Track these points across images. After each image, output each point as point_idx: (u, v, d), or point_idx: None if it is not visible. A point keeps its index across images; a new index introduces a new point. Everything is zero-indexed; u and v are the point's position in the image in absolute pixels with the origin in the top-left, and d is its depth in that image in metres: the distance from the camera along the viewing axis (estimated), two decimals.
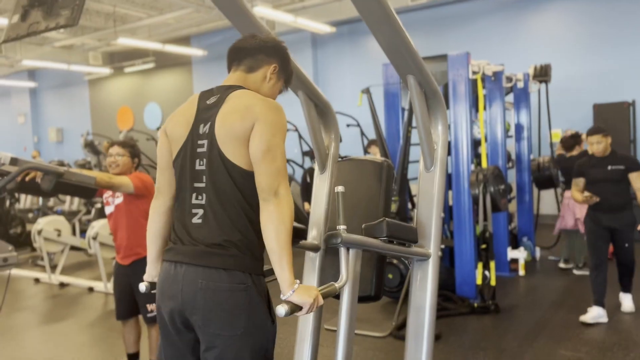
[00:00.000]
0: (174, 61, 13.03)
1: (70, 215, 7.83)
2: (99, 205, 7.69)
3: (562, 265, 5.90)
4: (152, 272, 1.84)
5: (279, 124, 1.64)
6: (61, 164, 10.09)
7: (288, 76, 1.89)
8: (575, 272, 5.68)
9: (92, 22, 11.20)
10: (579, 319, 4.20)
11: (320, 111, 2.35)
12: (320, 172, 2.36)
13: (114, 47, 13.24)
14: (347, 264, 1.66)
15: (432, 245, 2.04)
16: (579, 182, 4.28)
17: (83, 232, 7.23)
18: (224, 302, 1.61)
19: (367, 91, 5.26)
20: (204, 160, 1.68)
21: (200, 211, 1.68)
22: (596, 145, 4.16)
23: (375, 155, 5.72)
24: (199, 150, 1.69)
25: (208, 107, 1.72)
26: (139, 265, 3.14)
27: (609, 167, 4.13)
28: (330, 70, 11.00)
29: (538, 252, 6.41)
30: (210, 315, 1.62)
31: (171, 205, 1.82)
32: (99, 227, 5.68)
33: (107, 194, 3.29)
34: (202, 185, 1.68)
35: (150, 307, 3.14)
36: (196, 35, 12.19)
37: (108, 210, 3.28)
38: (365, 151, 7.91)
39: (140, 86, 14.07)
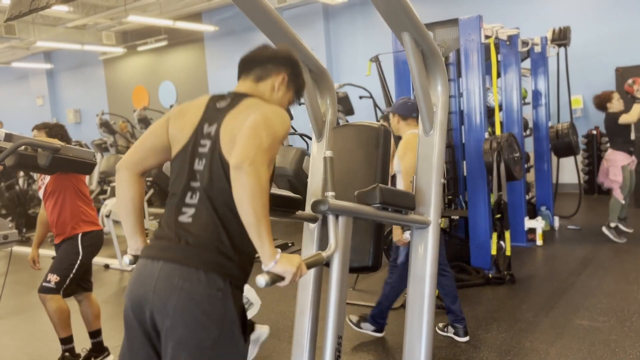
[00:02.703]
0: (186, 38, 12.94)
1: None
2: (113, 184, 7.74)
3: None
4: (133, 245, 1.78)
5: (275, 117, 1.58)
6: (78, 144, 10.19)
7: (299, 87, 1.82)
8: (604, 229, 5.53)
9: (103, 0, 11.14)
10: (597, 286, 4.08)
11: (316, 76, 2.25)
12: (317, 140, 2.28)
13: (127, 25, 13.18)
14: (337, 232, 1.58)
15: (431, 212, 1.95)
16: None
17: (98, 211, 7.29)
18: (197, 307, 1.51)
19: (376, 59, 5.11)
20: (204, 160, 1.62)
21: (192, 210, 1.61)
22: None
23: None
24: (200, 150, 1.64)
25: (217, 109, 1.67)
26: (64, 243, 3.23)
27: None
28: (343, 42, 10.78)
29: (557, 222, 6.25)
30: (180, 318, 1.51)
31: (137, 178, 1.74)
32: (112, 204, 5.70)
33: (40, 180, 3.30)
34: (198, 184, 1.62)
35: (50, 277, 3.12)
36: (207, 11, 12.05)
37: (41, 193, 3.29)
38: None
39: (154, 64, 14.04)
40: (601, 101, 5.56)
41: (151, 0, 10.57)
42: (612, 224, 5.48)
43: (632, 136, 5.46)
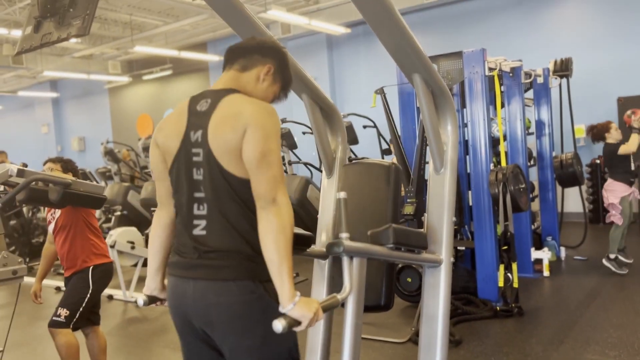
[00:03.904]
0: (191, 67, 13.11)
1: None
2: (117, 213, 7.74)
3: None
4: (150, 285, 1.79)
5: (271, 127, 1.56)
6: (83, 172, 10.23)
7: (285, 81, 1.79)
8: (604, 261, 5.48)
9: (110, 31, 11.34)
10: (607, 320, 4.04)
11: (326, 114, 2.28)
12: (328, 177, 2.29)
13: (132, 55, 13.38)
14: (351, 273, 1.58)
15: (443, 251, 1.95)
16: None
17: None
18: (238, 315, 1.57)
19: (381, 91, 5.16)
20: (201, 169, 1.62)
21: (203, 222, 1.62)
22: None
23: None
24: (194, 159, 1.63)
25: (199, 113, 1.65)
26: (75, 276, 3.22)
27: None
28: (346, 72, 10.91)
29: (563, 252, 6.22)
30: (226, 329, 1.59)
31: (174, 217, 1.75)
32: (117, 235, 5.69)
33: (49, 214, 3.31)
34: (202, 195, 1.62)
35: (61, 311, 3.10)
36: (212, 40, 12.24)
37: (50, 227, 3.29)
38: (385, 154, 7.80)
39: (159, 93, 14.19)
40: (598, 132, 5.59)
41: (157, 31, 10.75)
42: (612, 255, 5.46)
43: (632, 166, 5.47)
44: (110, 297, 5.86)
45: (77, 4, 4.45)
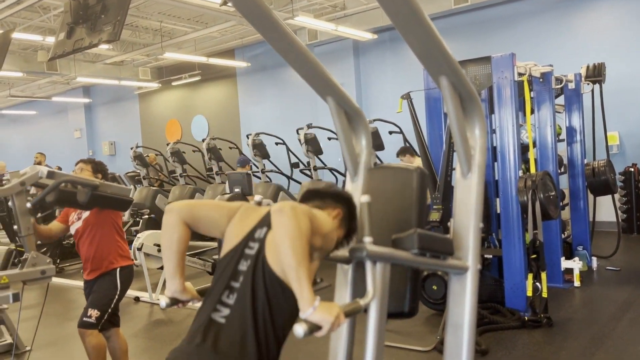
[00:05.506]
0: (219, 73, 13.27)
1: None
2: (145, 216, 7.84)
3: None
4: (171, 287, 1.79)
5: (319, 217, 1.60)
6: (112, 176, 10.43)
7: (350, 229, 1.82)
8: None
9: (140, 38, 11.56)
10: None
11: (351, 117, 2.26)
12: (352, 181, 2.26)
13: (162, 61, 13.62)
14: (374, 279, 1.55)
15: (470, 258, 1.90)
16: None
17: (131, 243, 7.39)
18: None
19: (407, 96, 5.13)
20: (249, 261, 1.64)
21: (227, 311, 1.61)
22: None
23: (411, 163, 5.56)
24: (247, 251, 1.66)
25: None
26: (100, 278, 3.21)
27: None
28: (373, 78, 10.88)
29: (595, 262, 6.05)
30: None
31: (186, 222, 1.76)
32: (144, 238, 5.77)
33: (72, 215, 3.31)
34: (237, 285, 1.63)
35: (91, 312, 3.11)
36: (239, 47, 12.37)
37: (74, 227, 3.28)
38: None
39: (187, 99, 14.39)
40: None
41: (186, 38, 10.91)
42: None
43: None
44: (137, 299, 5.93)
45: (108, 11, 4.52)
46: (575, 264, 5.36)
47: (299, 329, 1.39)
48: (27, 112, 18.06)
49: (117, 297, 3.19)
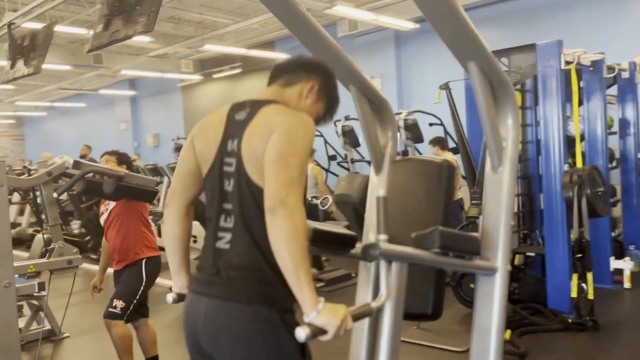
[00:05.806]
0: (260, 65, 13.28)
1: (157, 216, 8.14)
2: None
3: None
4: (177, 283, 1.74)
5: (298, 131, 1.46)
6: (155, 167, 10.63)
7: (331, 101, 1.70)
8: None
9: (182, 31, 11.69)
10: None
11: (376, 108, 2.14)
12: (376, 174, 2.15)
13: (204, 54, 13.75)
14: (388, 279, 1.44)
15: (499, 258, 1.76)
16: None
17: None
18: (247, 344, 1.46)
19: (446, 86, 4.94)
20: (232, 180, 1.55)
21: (228, 235, 1.55)
22: None
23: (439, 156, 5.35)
24: (226, 169, 1.57)
25: (237, 122, 1.59)
26: (127, 269, 3.23)
27: None
28: (414, 69, 10.62)
29: None
30: (232, 356, 1.49)
31: (186, 212, 1.70)
32: None
33: (102, 207, 3.34)
34: (230, 207, 1.55)
35: (116, 302, 3.11)
36: (279, 39, 12.33)
37: (103, 218, 3.32)
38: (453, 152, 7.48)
39: (229, 91, 14.50)
40: None
41: (227, 30, 10.95)
42: None
43: None
44: (171, 290, 5.98)
45: (143, 2, 4.52)
46: (626, 264, 5.07)
47: (301, 333, 1.29)
48: (77, 104, 18.66)
49: (142, 288, 3.19)
